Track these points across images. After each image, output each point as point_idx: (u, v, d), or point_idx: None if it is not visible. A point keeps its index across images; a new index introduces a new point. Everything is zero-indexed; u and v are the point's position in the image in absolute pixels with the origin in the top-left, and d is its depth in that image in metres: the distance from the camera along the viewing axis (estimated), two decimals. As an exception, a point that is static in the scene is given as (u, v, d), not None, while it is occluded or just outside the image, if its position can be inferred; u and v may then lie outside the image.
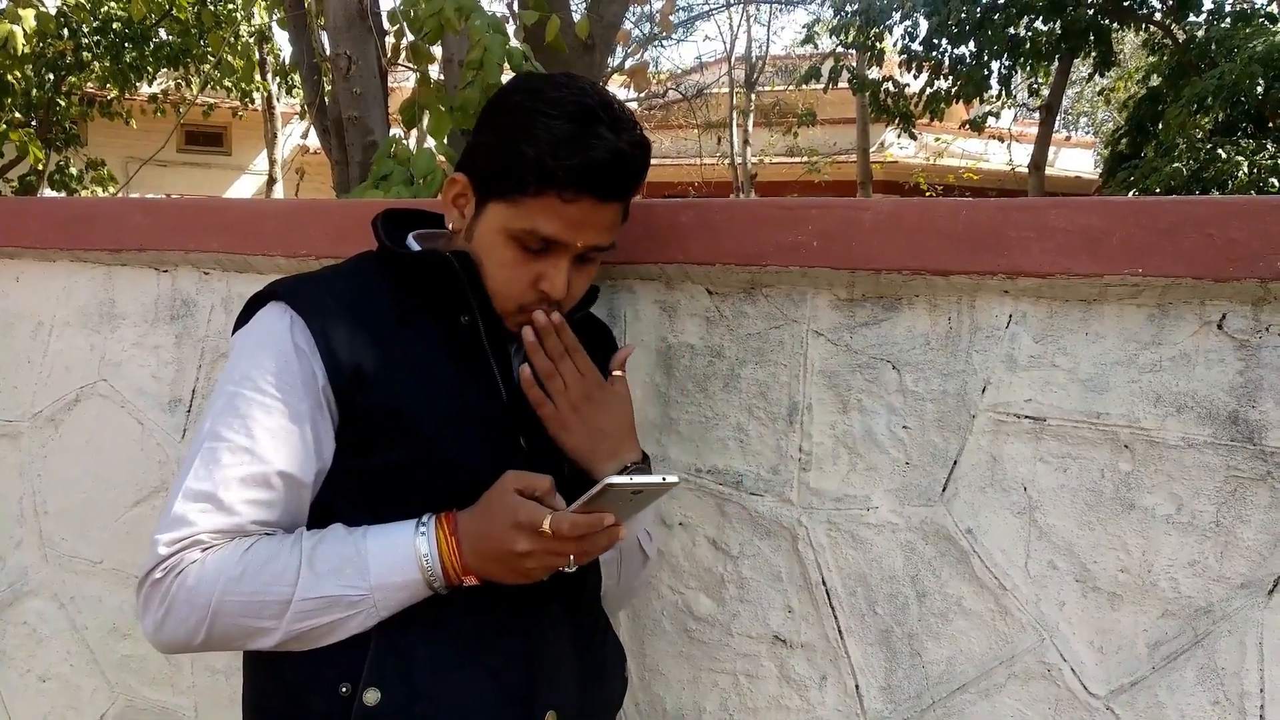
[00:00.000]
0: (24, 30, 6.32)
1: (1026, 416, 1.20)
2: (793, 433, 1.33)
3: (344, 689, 1.01)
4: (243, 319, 1.13)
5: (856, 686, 1.31)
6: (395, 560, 1.00)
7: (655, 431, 1.42)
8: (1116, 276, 1.10)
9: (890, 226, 1.22)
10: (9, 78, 8.15)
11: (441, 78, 3.39)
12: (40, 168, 9.13)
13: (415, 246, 1.17)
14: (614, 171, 1.04)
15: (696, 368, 1.39)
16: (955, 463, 1.24)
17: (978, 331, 1.23)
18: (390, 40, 3.29)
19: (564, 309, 1.15)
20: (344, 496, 1.07)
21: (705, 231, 1.32)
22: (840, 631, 1.31)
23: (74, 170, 10.10)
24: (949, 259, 1.19)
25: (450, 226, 1.16)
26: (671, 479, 0.95)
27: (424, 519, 1.02)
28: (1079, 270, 1.12)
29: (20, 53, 6.58)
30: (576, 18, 4.22)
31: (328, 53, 3.56)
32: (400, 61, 3.24)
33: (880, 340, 1.28)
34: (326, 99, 3.88)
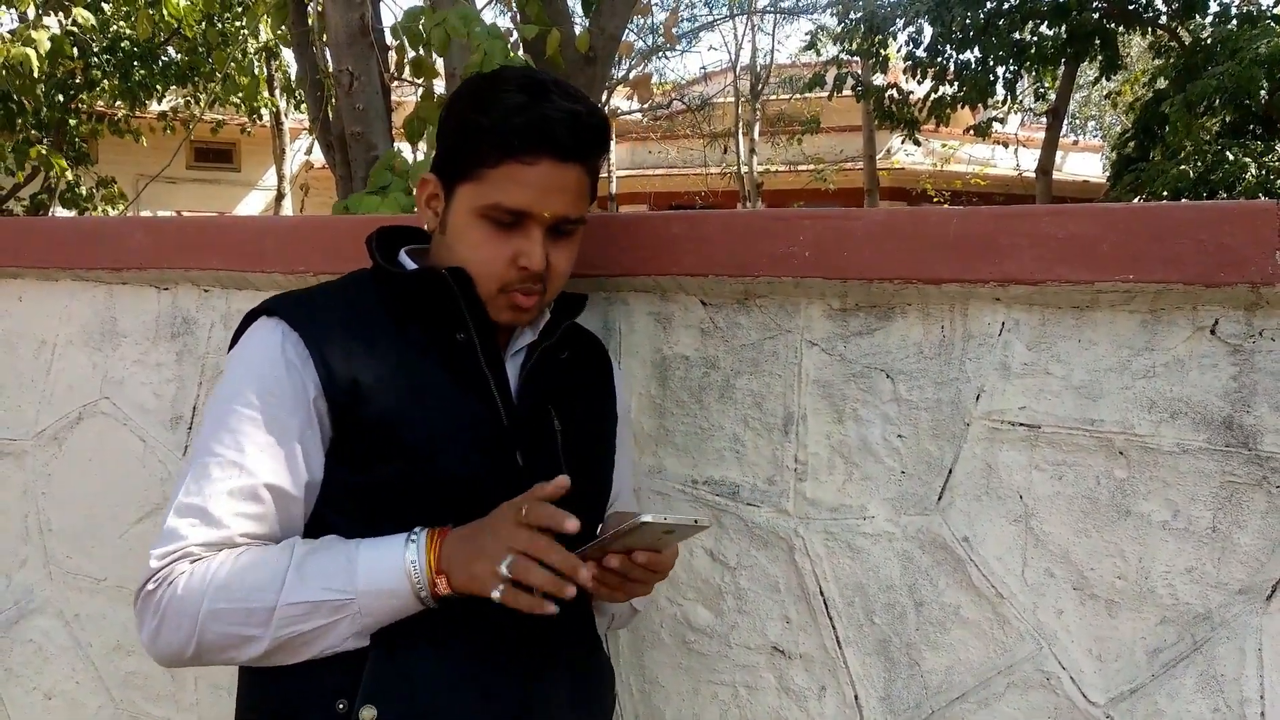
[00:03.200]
0: (38, 53, 6.38)
1: (1021, 424, 1.19)
2: (788, 443, 1.33)
3: (340, 705, 1.01)
4: (238, 335, 1.13)
5: (855, 697, 1.30)
6: (383, 568, 1.00)
7: (651, 443, 1.42)
8: (1108, 283, 1.10)
9: (882, 236, 1.22)
10: (23, 99, 8.23)
11: (445, 92, 3.41)
12: (66, 179, 9.26)
13: (408, 261, 1.18)
14: (570, 129, 1.06)
15: (691, 379, 1.39)
16: (950, 471, 1.24)
17: (971, 339, 1.22)
18: (393, 56, 3.31)
19: (550, 291, 1.14)
20: (341, 512, 1.07)
21: (698, 243, 1.32)
22: (839, 641, 1.31)
23: (83, 189, 10.17)
24: (941, 267, 1.19)
25: (426, 227, 1.17)
26: (703, 522, 0.96)
27: (415, 530, 1.02)
28: (1071, 277, 1.12)
29: (36, 74, 6.64)
30: (578, 30, 4.23)
31: (330, 69, 3.58)
32: (403, 77, 3.26)
33: (874, 349, 1.28)
34: (330, 114, 3.90)
